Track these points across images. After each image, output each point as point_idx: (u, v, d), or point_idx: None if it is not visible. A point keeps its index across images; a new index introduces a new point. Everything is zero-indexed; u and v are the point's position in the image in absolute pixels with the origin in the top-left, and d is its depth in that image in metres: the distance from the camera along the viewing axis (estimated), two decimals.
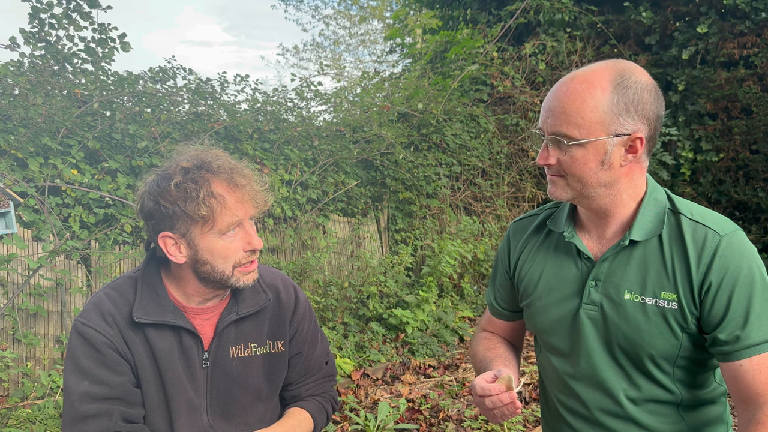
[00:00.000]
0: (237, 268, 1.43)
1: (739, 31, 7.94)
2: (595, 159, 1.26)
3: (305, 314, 1.66)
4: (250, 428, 1.56)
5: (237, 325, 1.53)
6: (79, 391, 1.38)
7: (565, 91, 1.25)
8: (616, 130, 1.23)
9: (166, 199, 1.36)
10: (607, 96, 1.22)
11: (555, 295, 1.43)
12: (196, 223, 1.37)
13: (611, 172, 1.28)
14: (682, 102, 8.39)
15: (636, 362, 1.34)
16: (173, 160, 1.43)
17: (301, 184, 5.93)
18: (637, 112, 1.24)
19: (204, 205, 1.35)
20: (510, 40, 9.18)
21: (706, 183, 8.24)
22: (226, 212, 1.37)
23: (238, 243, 1.42)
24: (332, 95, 7.36)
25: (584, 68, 1.28)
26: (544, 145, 1.31)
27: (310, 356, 1.68)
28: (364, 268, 6.11)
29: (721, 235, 1.27)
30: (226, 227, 1.39)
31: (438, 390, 4.70)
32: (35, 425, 3.57)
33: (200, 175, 1.37)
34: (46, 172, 4.46)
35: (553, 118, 1.26)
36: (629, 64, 1.29)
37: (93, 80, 5.44)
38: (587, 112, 1.22)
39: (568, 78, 1.27)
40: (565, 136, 1.25)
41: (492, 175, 7.92)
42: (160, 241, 1.40)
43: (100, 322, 1.41)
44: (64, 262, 4.34)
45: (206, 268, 1.42)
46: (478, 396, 1.32)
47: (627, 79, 1.24)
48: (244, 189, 1.41)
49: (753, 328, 1.23)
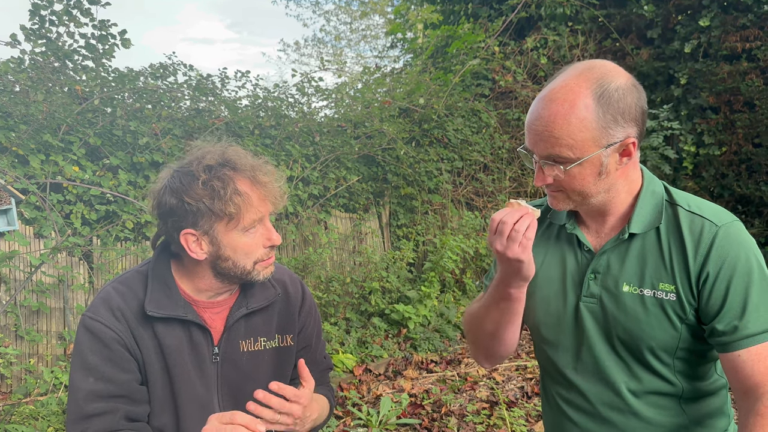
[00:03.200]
0: (258, 263, 1.45)
1: (741, 24, 7.90)
2: (592, 173, 1.26)
3: (312, 308, 1.68)
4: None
5: (247, 320, 1.53)
6: (84, 389, 1.37)
7: (549, 114, 1.22)
8: (608, 141, 1.23)
9: (191, 196, 1.36)
10: (592, 112, 1.20)
11: (554, 287, 1.43)
12: (221, 220, 1.38)
13: (609, 179, 1.28)
14: (684, 96, 8.36)
15: (636, 354, 1.34)
16: (193, 157, 1.43)
17: (302, 179, 5.93)
18: (625, 119, 1.23)
19: (231, 203, 1.36)
20: (511, 35, 9.15)
21: (709, 177, 8.22)
22: (252, 209, 1.39)
23: (259, 239, 1.44)
24: (333, 91, 7.35)
25: (559, 83, 1.24)
26: (538, 167, 1.30)
27: (316, 349, 1.70)
28: (366, 264, 6.11)
29: (718, 226, 1.27)
30: (250, 224, 1.40)
31: (440, 385, 4.70)
32: (38, 422, 3.58)
33: (224, 173, 1.38)
34: (48, 169, 4.46)
35: (543, 143, 1.24)
36: (602, 65, 1.26)
37: (94, 77, 5.43)
38: (576, 132, 1.20)
39: (547, 98, 1.23)
40: (560, 159, 1.24)
41: (494, 170, 7.90)
42: (181, 239, 1.40)
43: (108, 317, 1.40)
44: (66, 259, 4.35)
45: (227, 264, 1.43)
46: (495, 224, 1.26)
47: (607, 87, 1.21)
48: (266, 186, 1.42)
49: (751, 318, 1.23)
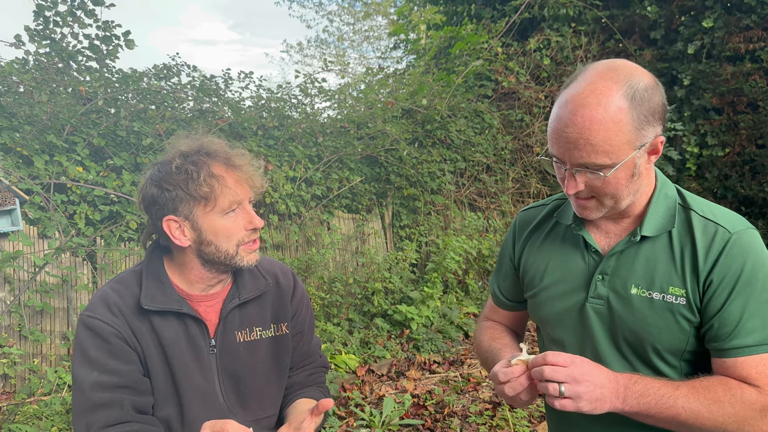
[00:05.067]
0: (241, 246, 1.48)
1: (745, 25, 7.89)
2: (626, 175, 1.23)
3: (303, 296, 1.71)
4: (265, 412, 1.59)
5: (240, 310, 1.56)
6: (89, 381, 1.39)
7: (583, 120, 1.17)
8: (641, 142, 1.21)
9: (168, 182, 1.42)
10: (627, 115, 1.17)
11: (561, 288, 1.43)
12: (198, 203, 1.42)
13: (640, 179, 1.27)
14: (687, 97, 8.35)
15: (642, 356, 1.34)
16: (171, 148, 1.50)
17: (305, 180, 5.93)
18: (655, 117, 1.21)
19: (205, 185, 1.40)
20: (514, 36, 9.15)
21: (712, 178, 8.21)
22: (227, 191, 1.43)
23: (240, 222, 1.47)
24: (336, 91, 7.36)
25: (585, 87, 1.19)
26: (569, 174, 1.26)
27: (309, 339, 1.73)
28: (369, 265, 6.11)
29: (731, 233, 1.26)
30: (228, 206, 1.44)
31: (443, 386, 4.70)
32: (42, 421, 3.59)
33: (198, 158, 1.43)
34: (52, 170, 4.47)
35: (578, 151, 1.20)
36: (624, 65, 1.23)
37: (97, 78, 5.45)
38: (613, 137, 1.17)
39: (578, 103, 1.19)
40: (596, 166, 1.21)
41: (496, 170, 7.90)
42: (164, 225, 1.44)
43: (106, 313, 1.43)
44: (69, 259, 4.36)
45: (210, 249, 1.46)
46: (501, 382, 1.27)
47: (636, 86, 1.19)
48: (241, 169, 1.46)
49: (743, 329, 1.23)
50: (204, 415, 1.48)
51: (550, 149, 1.27)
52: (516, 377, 1.25)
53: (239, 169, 1.46)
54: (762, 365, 1.23)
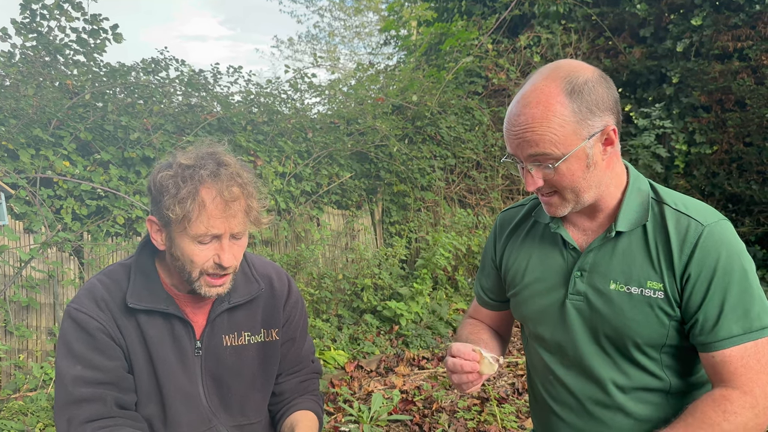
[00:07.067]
0: (204, 276, 1.40)
1: (733, 24, 7.94)
2: (580, 166, 1.27)
3: (297, 303, 1.67)
4: (247, 419, 1.57)
5: (230, 314, 1.54)
6: (72, 375, 1.37)
7: (525, 118, 1.24)
8: (588, 132, 1.24)
9: (155, 184, 1.37)
10: (567, 108, 1.22)
11: (541, 285, 1.44)
12: (171, 219, 1.35)
13: (597, 170, 1.29)
14: (676, 94, 8.40)
15: (622, 350, 1.35)
16: (193, 149, 1.43)
17: (295, 176, 5.91)
18: (599, 108, 1.25)
19: (179, 207, 1.31)
20: (505, 32, 9.16)
21: (700, 175, 8.26)
22: (204, 220, 1.32)
23: (210, 253, 1.37)
24: (326, 87, 7.34)
25: (529, 88, 1.27)
26: (525, 172, 1.31)
27: (301, 346, 1.69)
28: (359, 261, 6.10)
29: (704, 225, 1.28)
30: (199, 235, 1.34)
31: (432, 381, 4.71)
32: (27, 417, 3.56)
33: (192, 175, 1.33)
34: (38, 164, 4.43)
35: (526, 144, 1.25)
36: (567, 63, 1.29)
37: (85, 71, 5.40)
38: (556, 128, 1.22)
39: (521, 104, 1.26)
40: (546, 157, 1.25)
41: (486, 167, 7.91)
42: (147, 223, 1.42)
43: (93, 307, 1.41)
44: (56, 254, 4.32)
45: (178, 264, 1.41)
46: (450, 356, 1.38)
47: (575, 82, 1.24)
48: (233, 204, 1.35)
49: (725, 321, 1.25)
50: (187, 416, 1.47)
51: (507, 149, 1.33)
52: (465, 359, 1.35)
53: (230, 203, 1.34)
54: (746, 356, 1.24)
